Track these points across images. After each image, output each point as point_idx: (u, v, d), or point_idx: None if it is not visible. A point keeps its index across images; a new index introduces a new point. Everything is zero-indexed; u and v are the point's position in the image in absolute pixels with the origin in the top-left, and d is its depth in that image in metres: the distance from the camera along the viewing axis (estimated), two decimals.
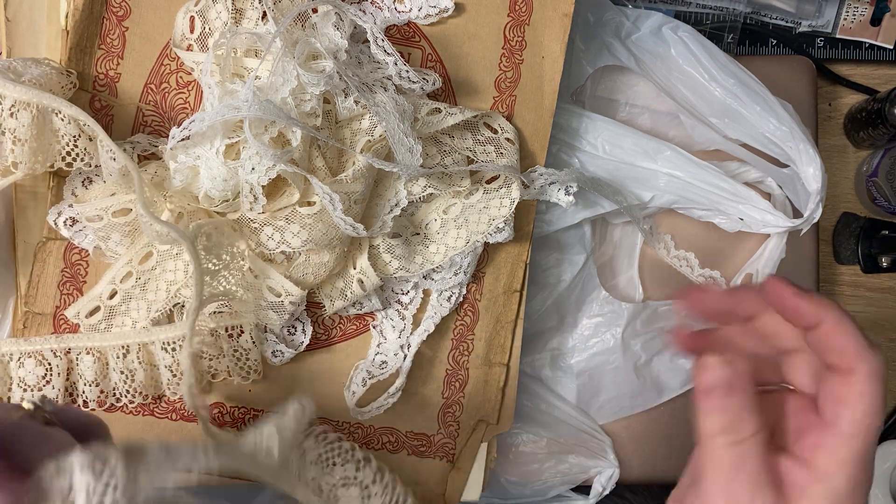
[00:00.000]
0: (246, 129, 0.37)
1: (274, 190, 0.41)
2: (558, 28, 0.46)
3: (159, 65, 0.43)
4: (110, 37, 0.42)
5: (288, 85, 0.39)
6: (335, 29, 0.42)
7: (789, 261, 0.54)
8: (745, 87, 0.50)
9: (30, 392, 0.42)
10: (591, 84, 0.53)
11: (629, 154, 0.50)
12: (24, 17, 0.43)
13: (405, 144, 0.40)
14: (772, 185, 0.54)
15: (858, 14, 0.58)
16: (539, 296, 0.52)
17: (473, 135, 0.45)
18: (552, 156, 0.50)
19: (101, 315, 0.43)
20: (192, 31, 0.42)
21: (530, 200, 0.47)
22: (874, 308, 0.59)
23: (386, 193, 0.44)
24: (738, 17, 0.57)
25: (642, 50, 0.51)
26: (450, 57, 0.45)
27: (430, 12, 0.44)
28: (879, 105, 0.54)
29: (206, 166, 0.40)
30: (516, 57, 0.46)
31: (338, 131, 0.42)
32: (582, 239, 0.53)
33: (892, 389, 0.59)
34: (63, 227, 0.42)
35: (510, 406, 0.48)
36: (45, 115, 0.38)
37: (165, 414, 0.45)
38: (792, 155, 0.50)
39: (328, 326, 0.46)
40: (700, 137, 0.52)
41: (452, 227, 0.45)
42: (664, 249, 0.55)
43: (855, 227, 0.58)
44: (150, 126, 0.43)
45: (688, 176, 0.51)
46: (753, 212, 0.51)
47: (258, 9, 0.42)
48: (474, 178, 0.46)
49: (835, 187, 0.60)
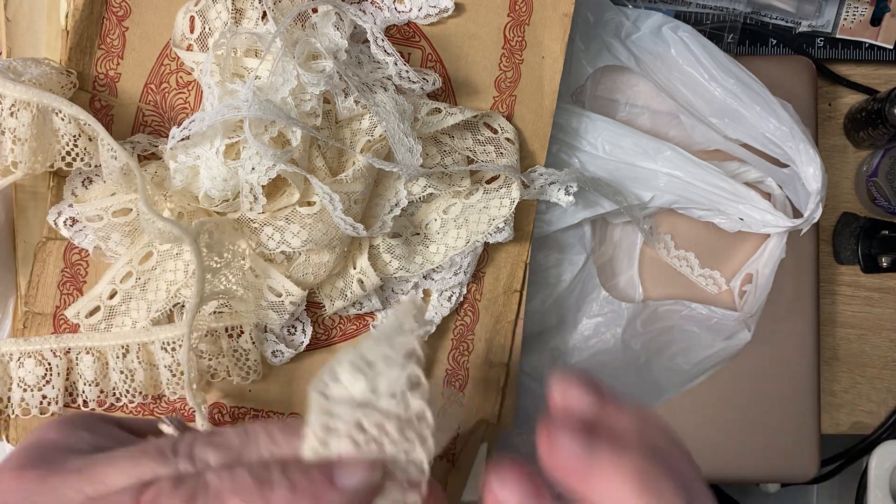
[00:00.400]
0: (246, 129, 0.37)
1: (274, 190, 0.41)
2: (558, 28, 0.46)
3: (159, 65, 0.43)
4: (110, 37, 0.42)
5: (288, 85, 0.39)
6: (335, 29, 0.42)
7: (789, 261, 0.54)
8: (745, 87, 0.50)
9: (30, 392, 0.42)
10: (591, 84, 0.53)
11: (629, 154, 0.50)
12: (24, 17, 0.43)
13: (405, 144, 0.40)
14: (772, 185, 0.54)
15: (858, 14, 0.58)
16: (539, 296, 0.52)
17: (473, 135, 0.45)
18: (552, 156, 0.50)
19: (101, 315, 0.43)
20: (192, 31, 0.42)
21: (530, 200, 0.47)
22: (874, 308, 0.59)
23: (386, 193, 0.44)
24: (738, 17, 0.57)
25: (642, 50, 0.51)
26: (450, 57, 0.45)
27: (430, 12, 0.44)
28: (879, 105, 0.54)
29: (206, 166, 0.40)
30: (516, 57, 0.46)
31: (338, 131, 0.42)
32: (582, 239, 0.53)
33: (893, 389, 0.59)
34: (63, 227, 0.42)
35: (510, 406, 0.48)
36: (45, 115, 0.38)
37: (165, 414, 0.45)
38: (792, 155, 0.50)
39: (328, 326, 0.46)
40: (700, 137, 0.52)
41: (452, 227, 0.45)
42: (664, 249, 0.55)
43: (855, 227, 0.58)
44: (150, 126, 0.43)
45: (688, 176, 0.51)
46: (753, 212, 0.51)
47: (258, 9, 0.42)
48: (474, 178, 0.46)
49: (835, 187, 0.60)
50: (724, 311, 0.54)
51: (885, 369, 0.59)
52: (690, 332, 0.53)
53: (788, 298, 0.55)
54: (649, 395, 0.53)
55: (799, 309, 0.56)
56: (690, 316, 0.54)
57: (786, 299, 0.55)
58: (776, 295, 0.55)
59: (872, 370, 0.59)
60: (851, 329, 0.59)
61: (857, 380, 0.59)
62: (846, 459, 0.59)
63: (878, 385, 0.59)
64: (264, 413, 0.45)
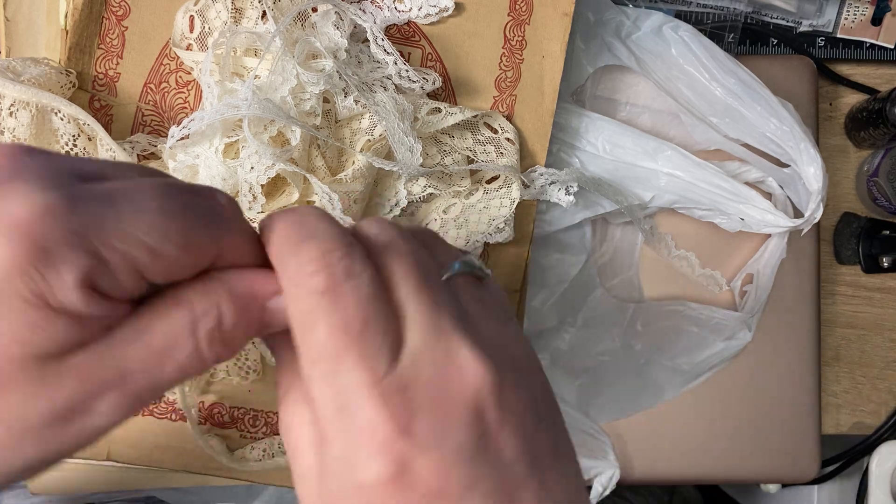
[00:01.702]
0: (245, 128, 0.37)
1: (273, 189, 0.40)
2: (559, 27, 0.46)
3: (159, 64, 0.43)
4: (110, 36, 0.42)
5: (287, 84, 0.39)
6: (335, 28, 0.41)
7: (790, 261, 0.54)
8: (746, 86, 0.50)
9: None
10: (591, 84, 0.53)
11: (629, 154, 0.50)
12: (23, 17, 0.43)
13: (405, 144, 0.40)
14: (772, 184, 0.54)
15: (859, 14, 0.58)
16: (539, 296, 0.52)
17: (473, 134, 0.45)
18: (552, 155, 0.50)
19: None
20: (191, 31, 0.42)
21: (530, 200, 0.46)
22: (875, 308, 0.59)
23: (386, 193, 0.43)
24: (738, 16, 0.56)
25: (643, 49, 0.51)
26: (450, 56, 0.45)
27: (430, 11, 0.44)
28: (880, 105, 0.54)
29: (206, 165, 0.40)
30: (516, 56, 0.46)
31: (337, 130, 0.42)
32: (582, 239, 0.53)
33: (894, 390, 0.59)
34: None
35: None
36: (45, 115, 0.38)
37: (165, 414, 0.44)
38: (793, 155, 0.50)
39: None
40: (701, 137, 0.52)
41: (452, 226, 0.44)
42: (664, 249, 0.55)
43: (856, 227, 0.58)
44: (149, 126, 0.43)
45: (688, 176, 0.50)
46: (754, 212, 0.51)
47: (258, 8, 0.42)
48: (474, 178, 0.46)
49: (835, 187, 0.60)
50: (724, 311, 0.54)
51: (886, 370, 0.59)
52: (691, 333, 0.53)
53: (789, 298, 0.55)
54: (650, 395, 0.53)
55: (799, 309, 0.56)
56: (691, 316, 0.54)
57: (786, 299, 0.55)
58: (777, 295, 0.55)
59: (873, 370, 0.59)
60: (852, 329, 0.59)
61: (857, 380, 0.59)
62: (847, 460, 0.59)
63: (879, 385, 0.59)
64: (264, 413, 0.45)
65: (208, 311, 0.22)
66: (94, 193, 0.21)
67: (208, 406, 0.45)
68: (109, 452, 0.44)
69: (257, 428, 0.45)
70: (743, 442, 0.55)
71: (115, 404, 0.21)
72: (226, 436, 0.45)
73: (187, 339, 0.22)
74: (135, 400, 0.21)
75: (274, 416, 0.45)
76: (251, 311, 0.23)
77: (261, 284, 0.23)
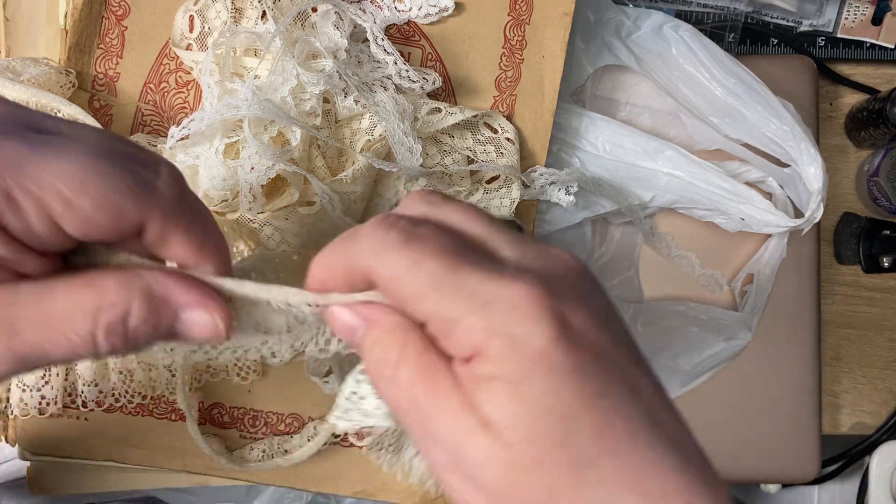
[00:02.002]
0: (245, 129, 0.37)
1: (273, 190, 0.40)
2: (559, 27, 0.46)
3: (158, 64, 0.43)
4: (109, 36, 0.42)
5: (287, 84, 0.39)
6: (335, 28, 0.41)
7: (790, 261, 0.54)
8: (746, 86, 0.50)
9: (29, 392, 0.42)
10: (591, 83, 0.53)
11: (630, 154, 0.50)
12: (22, 17, 0.43)
13: (405, 144, 0.40)
14: (773, 184, 0.54)
15: (859, 13, 0.58)
16: None
17: (473, 134, 0.45)
18: (552, 155, 0.50)
19: None
20: (191, 31, 0.42)
21: (530, 200, 0.46)
22: (875, 308, 0.59)
23: (386, 193, 0.43)
24: (738, 16, 0.56)
25: (643, 49, 0.51)
26: (450, 56, 0.45)
27: (430, 11, 0.44)
28: (880, 105, 0.54)
29: (206, 166, 0.40)
30: (516, 56, 0.46)
31: (337, 131, 0.42)
32: (582, 239, 0.53)
33: (894, 390, 0.59)
34: None
35: None
36: None
37: (165, 414, 0.44)
38: (793, 154, 0.50)
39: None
40: (701, 137, 0.52)
41: None
42: (665, 249, 0.55)
43: (856, 227, 0.58)
44: (149, 126, 0.43)
45: (689, 176, 0.50)
46: (754, 212, 0.51)
47: (258, 8, 0.42)
48: (474, 178, 0.46)
49: (836, 187, 0.60)
50: (724, 311, 0.53)
51: (886, 370, 0.59)
52: (691, 333, 0.53)
53: (789, 298, 0.55)
54: None
55: (800, 309, 0.55)
56: (691, 316, 0.53)
57: (787, 299, 0.55)
58: (777, 295, 0.55)
59: (873, 370, 0.59)
60: (852, 329, 0.59)
61: (858, 380, 0.59)
62: (847, 460, 0.59)
63: (880, 385, 0.59)
64: (264, 413, 0.45)
65: (117, 303, 0.22)
66: (28, 139, 0.21)
67: (208, 406, 0.45)
68: (109, 452, 0.44)
69: (257, 428, 0.45)
70: (743, 442, 0.55)
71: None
72: (225, 436, 0.45)
73: (85, 321, 0.22)
74: (17, 359, 0.22)
75: (274, 416, 0.45)
76: (162, 315, 0.23)
77: (181, 293, 0.24)
